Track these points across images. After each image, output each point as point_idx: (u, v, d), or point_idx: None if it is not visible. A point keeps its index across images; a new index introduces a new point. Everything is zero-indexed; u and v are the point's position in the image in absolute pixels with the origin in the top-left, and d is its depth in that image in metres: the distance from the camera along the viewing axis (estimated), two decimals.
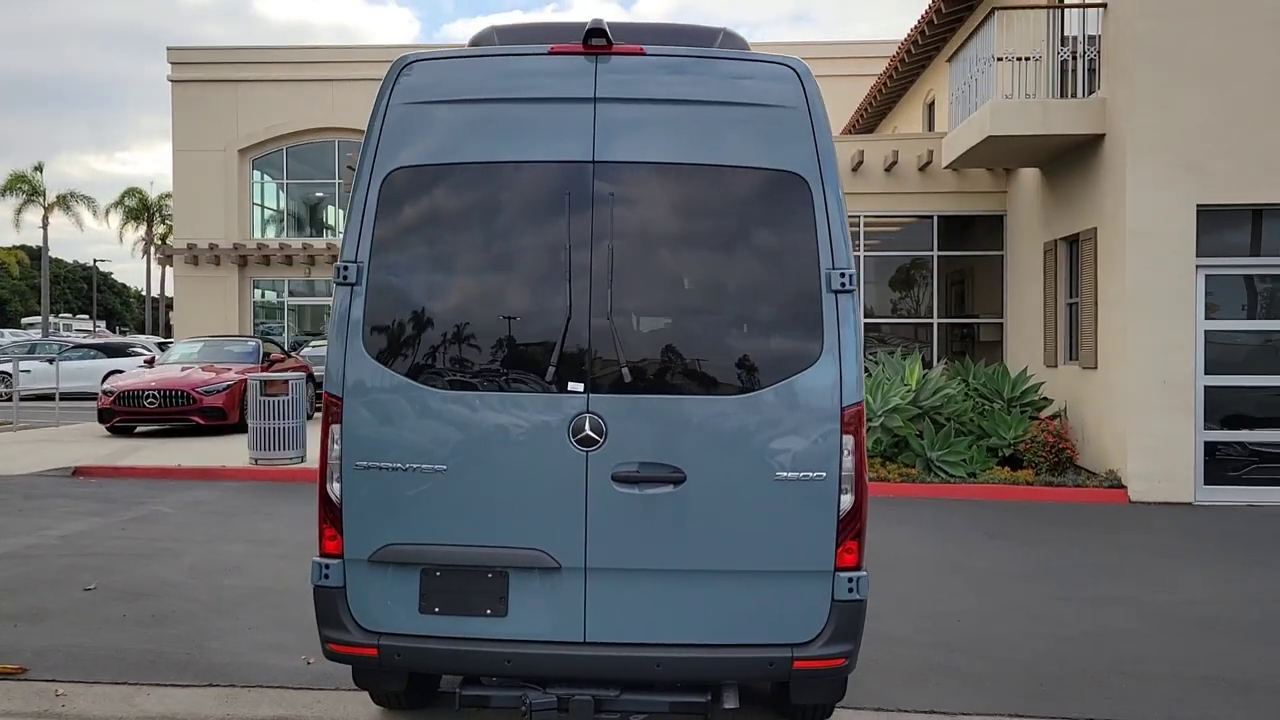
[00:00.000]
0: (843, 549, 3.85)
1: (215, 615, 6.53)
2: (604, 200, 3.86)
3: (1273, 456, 11.59)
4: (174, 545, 8.62)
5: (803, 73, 3.95)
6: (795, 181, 3.88)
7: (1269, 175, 11.16)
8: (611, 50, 3.93)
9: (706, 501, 3.81)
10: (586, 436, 3.80)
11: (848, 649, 3.86)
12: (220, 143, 29.73)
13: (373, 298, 3.92)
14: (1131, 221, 11.32)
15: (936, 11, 16.81)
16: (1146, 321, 11.32)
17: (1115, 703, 5.20)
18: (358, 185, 3.99)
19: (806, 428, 3.83)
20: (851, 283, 3.85)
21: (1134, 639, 6.30)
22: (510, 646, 3.83)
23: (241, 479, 12.27)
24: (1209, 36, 11.21)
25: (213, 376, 16.09)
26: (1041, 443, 12.03)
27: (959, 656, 5.90)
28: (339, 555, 3.94)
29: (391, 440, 3.90)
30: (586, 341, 3.83)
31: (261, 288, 31.12)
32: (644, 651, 3.80)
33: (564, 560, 3.82)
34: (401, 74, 4.01)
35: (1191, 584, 7.73)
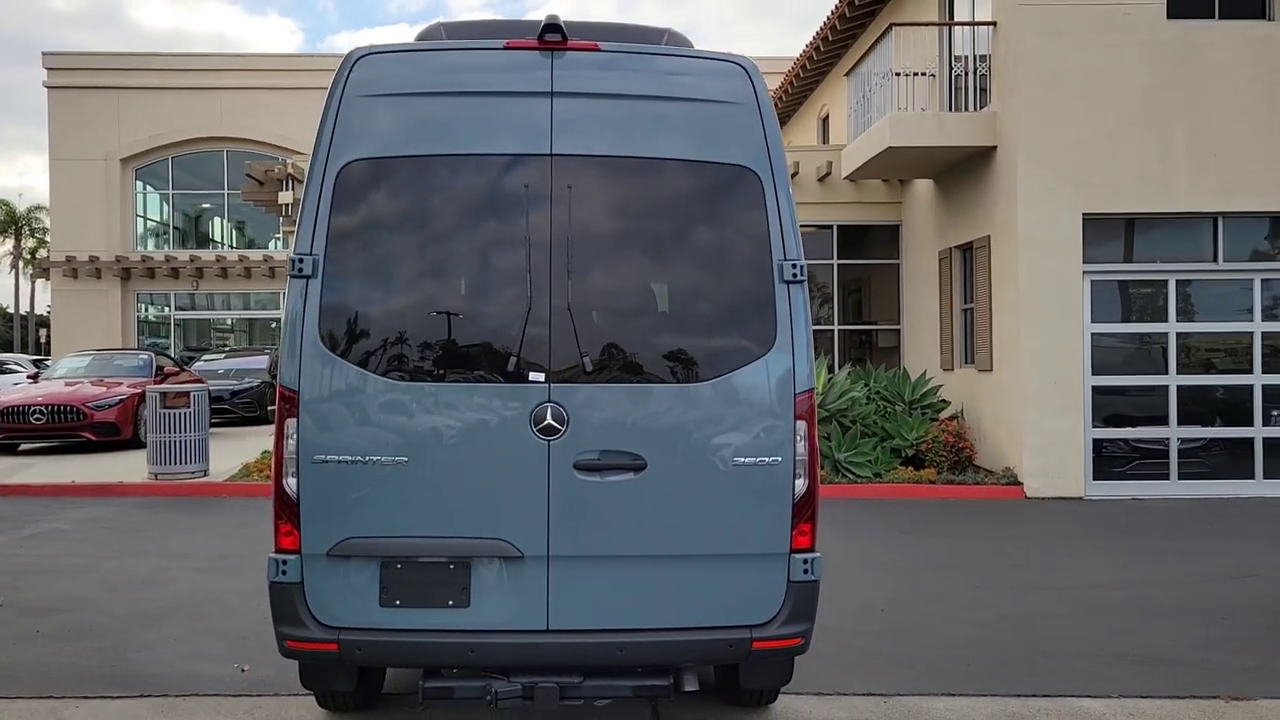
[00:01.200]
0: (797, 532, 3.97)
1: (136, 628, 6.33)
2: (561, 192, 3.92)
3: (1152, 452, 12.24)
4: (79, 561, 8.29)
5: (751, 70, 4.09)
6: (747, 175, 4.01)
7: (1142, 185, 11.82)
8: (567, 46, 4.01)
9: (666, 488, 3.90)
10: (548, 425, 3.85)
11: (804, 628, 3.99)
12: (101, 151, 28.62)
13: (328, 290, 3.90)
14: (1023, 230, 11.85)
15: (831, 28, 17.32)
16: (1038, 325, 11.86)
17: (1039, 679, 5.46)
18: (311, 178, 3.96)
19: (762, 414, 3.95)
20: (803, 273, 4.00)
21: (1048, 621, 6.61)
22: (473, 637, 3.84)
23: (141, 494, 11.85)
24: (1089, 54, 11.84)
25: (104, 391, 15.48)
26: (942, 443, 12.47)
27: (887, 643, 6.10)
28: (296, 550, 3.90)
29: (349, 433, 3.88)
30: (547, 332, 3.88)
31: (145, 302, 30.04)
32: (606, 637, 3.86)
33: (526, 549, 3.86)
34: (355, 67, 4.01)
35: (1093, 571, 8.12)
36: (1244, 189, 11.83)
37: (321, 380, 3.89)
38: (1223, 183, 11.80)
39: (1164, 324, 12.18)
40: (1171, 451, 12.14)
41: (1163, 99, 11.80)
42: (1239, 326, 12.26)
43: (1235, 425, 12.20)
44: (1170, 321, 12.14)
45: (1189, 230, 12.17)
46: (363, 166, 3.95)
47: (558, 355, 3.87)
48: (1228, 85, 11.82)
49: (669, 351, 3.98)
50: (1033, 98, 11.87)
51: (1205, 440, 12.24)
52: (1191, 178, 11.81)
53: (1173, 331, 12.14)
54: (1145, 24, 11.88)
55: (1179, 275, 12.14)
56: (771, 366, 3.96)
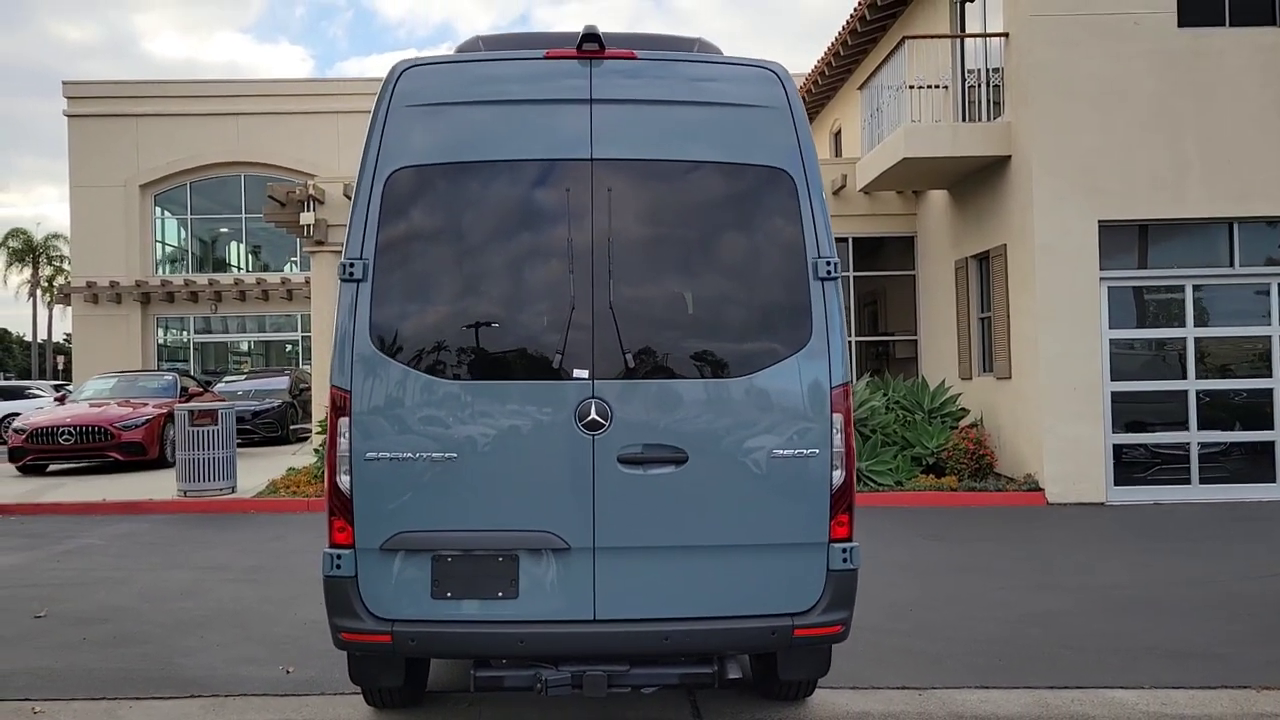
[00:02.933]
0: (835, 522, 4.08)
1: (178, 635, 6.46)
2: (603, 196, 4.06)
3: (1172, 457, 12.28)
4: (115, 574, 8.43)
5: (783, 75, 4.23)
6: (781, 176, 4.14)
7: (1156, 192, 11.92)
8: (605, 54, 4.15)
9: (707, 480, 4.01)
10: (592, 420, 3.97)
11: (843, 616, 4.09)
12: (120, 178, 28.99)
13: (379, 292, 4.04)
14: (1039, 238, 11.95)
15: (843, 43, 17.50)
16: (1056, 332, 11.94)
17: (1070, 672, 5.53)
18: (360, 185, 4.11)
19: (800, 407, 4.06)
20: (836, 270, 4.12)
21: (1075, 619, 6.68)
22: (522, 627, 3.95)
23: (171, 511, 12.01)
24: (1100, 63, 11.96)
25: (130, 411, 15.67)
26: (963, 450, 12.54)
27: (917, 640, 6.19)
28: (350, 545, 4.02)
29: (400, 431, 4.01)
30: (590, 330, 4.01)
31: (165, 326, 30.32)
32: (652, 626, 3.97)
33: (573, 541, 3.97)
34: (400, 79, 4.16)
35: (1116, 571, 8.18)
36: (1258, 194, 11.92)
37: (372, 380, 4.02)
38: (1236, 189, 11.89)
39: (1182, 329, 12.25)
40: (1192, 456, 12.18)
41: (1175, 106, 11.91)
42: (1257, 330, 12.31)
43: (1255, 429, 12.23)
44: (1188, 327, 12.21)
45: (1204, 236, 12.26)
46: (409, 174, 4.10)
47: (601, 353, 4.00)
48: (1239, 92, 11.93)
49: (708, 348, 4.11)
50: (1046, 107, 12.00)
51: (1225, 445, 12.27)
52: (1205, 184, 11.90)
53: (1191, 337, 12.21)
54: (1156, 33, 12.01)
55: (1195, 280, 12.21)
56: (807, 362, 4.07)
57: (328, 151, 28.83)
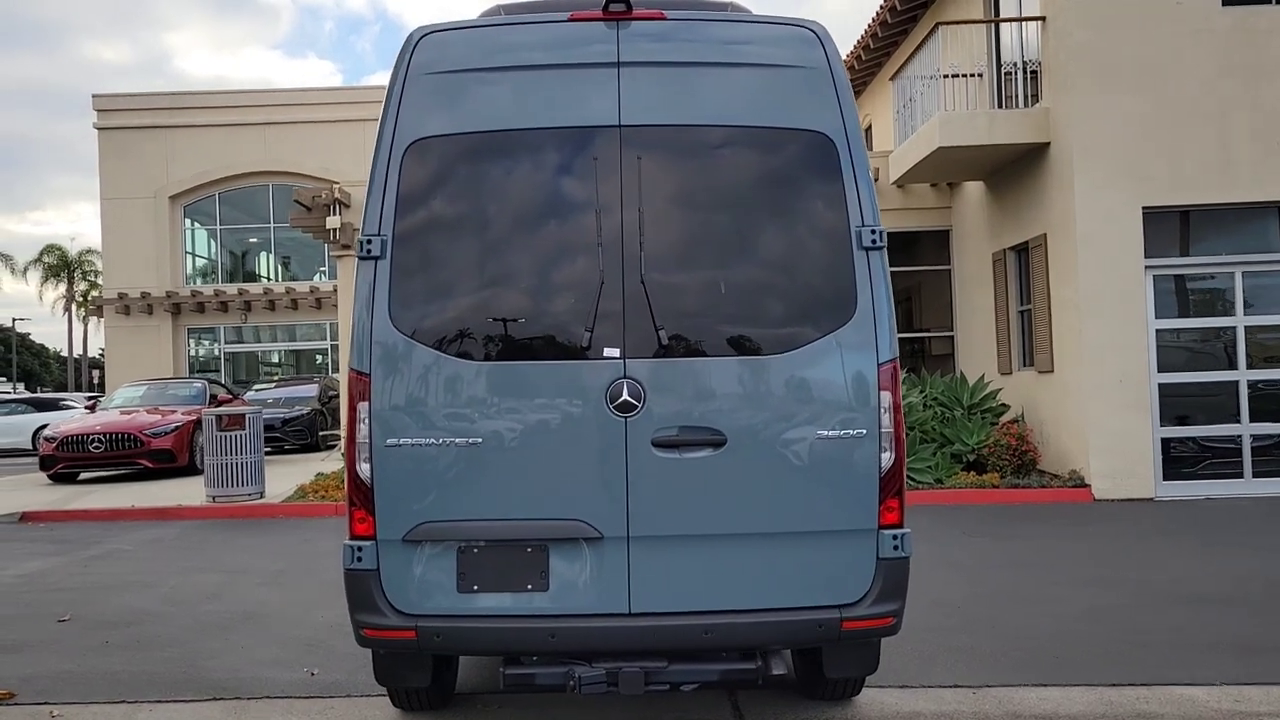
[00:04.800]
0: (885, 507, 3.83)
1: (203, 638, 6.28)
2: (632, 164, 3.83)
3: (1223, 451, 11.88)
4: (143, 578, 8.29)
5: (823, 35, 3.98)
6: (821, 141, 3.90)
7: (1203, 176, 11.54)
8: (632, 15, 3.93)
9: (748, 463, 3.77)
10: (625, 402, 3.74)
11: (895, 608, 3.83)
12: (150, 190, 29.10)
13: (398, 270, 3.83)
14: (1081, 226, 11.61)
15: (873, 35, 17.22)
16: (1099, 323, 11.58)
17: (1133, 669, 5.23)
18: (377, 158, 3.91)
19: (845, 385, 3.81)
20: (882, 239, 3.87)
21: (1134, 614, 6.36)
22: (554, 621, 3.73)
23: (199, 517, 11.88)
24: (1142, 45, 11.61)
25: (159, 419, 15.60)
26: (1005, 446, 12.19)
27: (968, 637, 5.90)
28: (371, 537, 3.81)
29: (422, 415, 3.79)
30: (620, 306, 3.78)
31: (196, 336, 30.40)
32: (691, 620, 3.73)
33: (606, 530, 3.74)
34: (418, 46, 3.95)
35: (1173, 566, 7.85)
36: None
37: (392, 362, 3.81)
38: None
39: (1231, 318, 11.85)
40: (1244, 449, 11.77)
41: (1221, 88, 11.54)
42: None
43: None
44: (1238, 315, 11.80)
45: (1254, 221, 11.85)
46: (428, 145, 3.89)
47: (632, 330, 3.77)
48: None
49: (746, 323, 3.86)
50: (1086, 92, 11.66)
51: (1278, 436, 11.86)
52: (1254, 167, 11.51)
53: (1240, 325, 11.80)
54: (1199, 12, 11.64)
55: (1245, 267, 11.81)
56: (852, 337, 3.82)
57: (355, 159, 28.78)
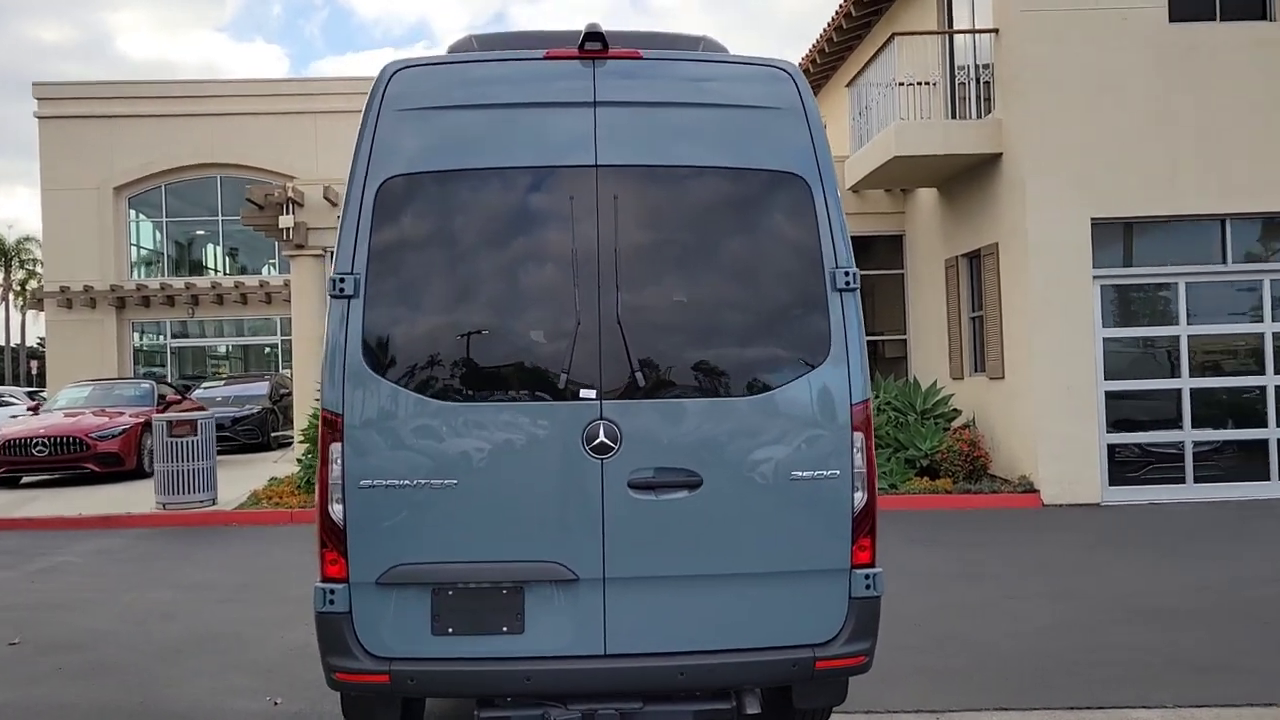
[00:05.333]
0: (857, 546, 3.87)
1: (160, 663, 6.18)
2: (608, 204, 3.82)
3: (1167, 456, 12.17)
4: (94, 595, 8.14)
5: (795, 74, 4.00)
6: (795, 182, 3.92)
7: (1150, 189, 11.79)
8: (608, 54, 3.91)
9: (723, 504, 3.78)
10: (601, 444, 3.74)
11: (867, 646, 3.88)
12: (94, 181, 28.41)
13: (371, 310, 3.79)
14: (1032, 236, 11.80)
15: (828, 40, 17.33)
16: (1049, 331, 11.79)
17: (1089, 690, 5.35)
18: (350, 196, 3.86)
19: (819, 426, 3.84)
20: (855, 281, 3.90)
21: (1089, 631, 6.50)
22: (529, 664, 3.72)
23: (149, 525, 11.69)
24: (1092, 59, 11.82)
25: (106, 421, 15.29)
26: (957, 452, 12.38)
27: (928, 657, 5.99)
28: (344, 579, 3.76)
29: (397, 456, 3.76)
30: (597, 347, 3.77)
31: (141, 330, 29.81)
32: (666, 661, 3.74)
33: (581, 571, 3.74)
34: (391, 80, 3.90)
35: (1122, 579, 8.02)
36: (1251, 190, 11.80)
37: (366, 402, 3.77)
38: (1230, 185, 11.78)
39: (1175, 327, 12.13)
40: (1186, 455, 12.07)
41: (1168, 102, 11.78)
42: (1250, 328, 12.23)
43: (1249, 427, 12.14)
44: (1181, 324, 12.09)
45: (1197, 233, 12.14)
46: (403, 182, 3.85)
47: (609, 371, 3.77)
48: (1232, 87, 11.80)
49: (722, 365, 3.88)
50: (1037, 104, 11.85)
51: (1219, 443, 12.18)
52: (1198, 180, 11.78)
53: (1184, 334, 12.09)
54: (1147, 28, 11.88)
55: (1189, 278, 12.09)
56: (826, 377, 3.85)
57: (306, 153, 28.40)
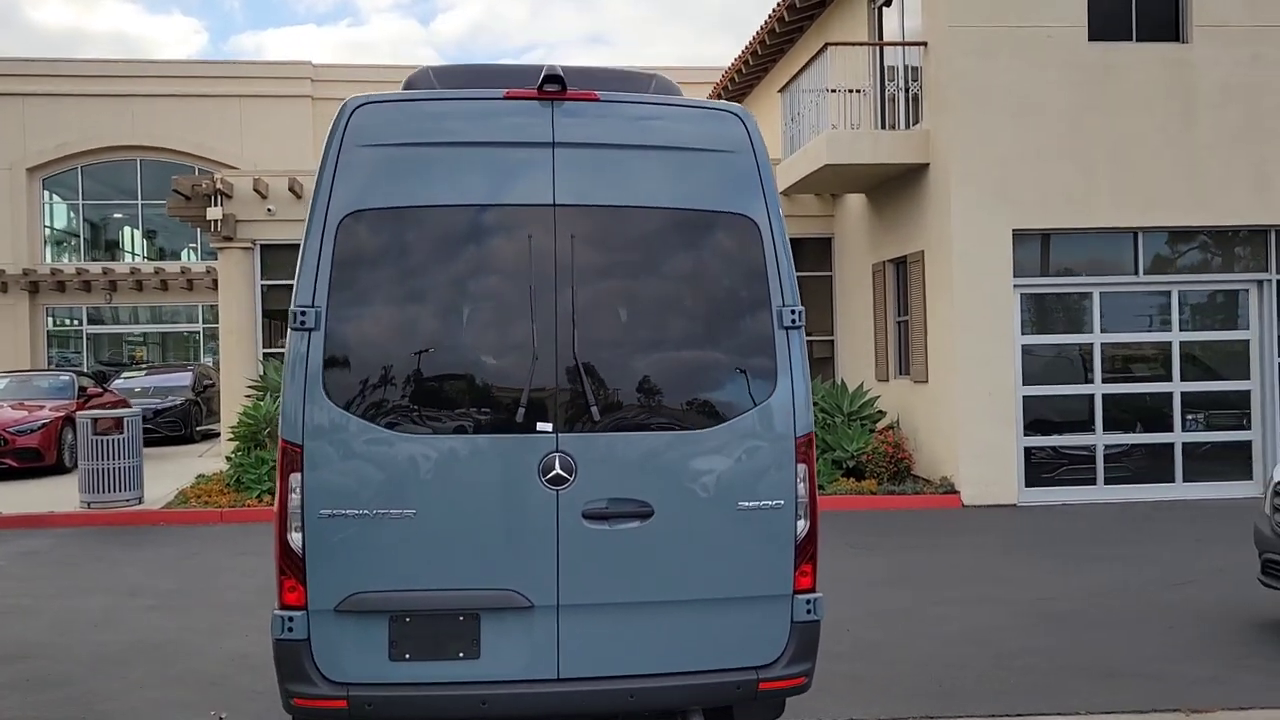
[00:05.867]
0: (799, 573, 4.07)
1: (98, 675, 6.16)
2: (565, 243, 3.95)
3: (1079, 459, 12.71)
4: (24, 601, 8.04)
5: (746, 118, 4.17)
6: (745, 224, 4.09)
7: (1068, 203, 12.26)
8: (566, 96, 4.04)
9: (673, 534, 3.95)
10: (556, 475, 3.88)
11: (807, 668, 4.09)
12: (5, 161, 27.55)
13: (332, 342, 3.87)
14: (957, 245, 12.19)
15: (760, 43, 17.56)
16: (972, 338, 12.20)
17: (1010, 697, 5.65)
18: (310, 229, 3.93)
19: (765, 458, 4.03)
20: (801, 319, 4.09)
21: (1009, 635, 6.83)
22: (485, 688, 3.85)
23: (74, 524, 11.49)
24: (1016, 74, 12.23)
25: (25, 415, 14.94)
26: (882, 454, 12.75)
27: (858, 664, 6.25)
28: (302, 606, 3.85)
29: (356, 486, 3.85)
30: (553, 382, 3.91)
31: (55, 316, 29.01)
32: (617, 684, 3.91)
33: (536, 599, 3.88)
34: (353, 116, 3.97)
35: (1039, 583, 8.39)
36: (1162, 205, 12.34)
37: (325, 433, 3.86)
38: (1142, 199, 12.30)
39: (1089, 335, 12.65)
40: (1098, 457, 12.62)
41: (1085, 119, 12.25)
42: (1159, 336, 12.80)
43: (1156, 431, 12.72)
44: (1095, 332, 12.62)
45: (1111, 245, 12.66)
46: (363, 217, 3.93)
47: (565, 405, 3.91)
48: (1145, 105, 12.31)
49: (673, 400, 4.05)
50: (963, 117, 12.22)
51: (1128, 446, 12.75)
52: (1113, 195, 12.28)
53: (1098, 342, 12.62)
54: (1067, 46, 12.31)
55: (1103, 288, 12.61)
56: (772, 411, 4.04)
57: (229, 137, 27.92)
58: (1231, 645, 6.57)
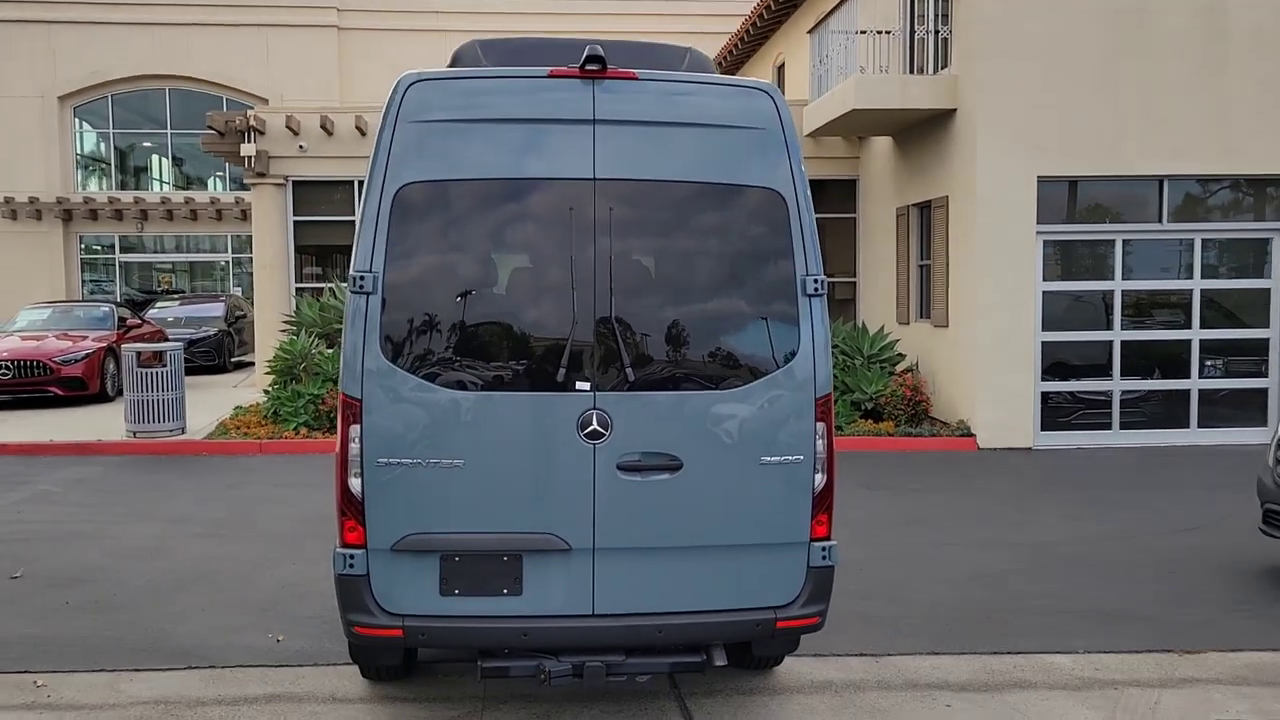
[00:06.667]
0: (816, 522, 4.41)
1: (159, 600, 6.61)
2: (604, 215, 4.23)
3: (1096, 404, 12.95)
4: (82, 527, 8.50)
5: (775, 95, 4.41)
6: (773, 197, 4.35)
7: (1094, 150, 12.33)
8: (606, 75, 4.28)
9: (700, 485, 4.28)
10: (594, 430, 4.20)
11: (821, 609, 4.45)
12: (37, 89, 27.75)
13: (388, 305, 4.19)
14: (981, 192, 12.32)
15: None
16: (994, 284, 12.39)
17: (1011, 637, 6.01)
18: (369, 198, 4.21)
19: (787, 417, 4.34)
20: (823, 287, 4.37)
21: (1015, 578, 7.17)
22: (526, 621, 4.23)
23: (121, 453, 11.99)
24: (1046, 20, 12.23)
25: (70, 345, 15.41)
26: (900, 396, 13.04)
27: (870, 604, 6.61)
28: (361, 545, 4.22)
29: (410, 438, 4.19)
30: (592, 344, 4.22)
31: (89, 244, 29.44)
32: (647, 620, 4.27)
33: (574, 542, 4.23)
34: (407, 93, 4.24)
35: (1049, 526, 8.72)
36: (1188, 153, 12.39)
37: (382, 389, 4.19)
38: (1169, 147, 12.34)
39: (1110, 282, 12.80)
40: (1114, 403, 12.85)
41: (1116, 65, 12.26)
42: (1179, 284, 12.93)
43: (1173, 377, 12.93)
44: (1116, 280, 12.76)
45: (1136, 192, 12.74)
46: (418, 189, 4.22)
47: (602, 366, 4.22)
48: (1177, 51, 12.29)
49: (702, 361, 4.35)
50: (992, 63, 12.26)
51: (1145, 392, 12.97)
52: (1141, 142, 12.33)
53: (1118, 289, 12.77)
54: None
55: (1126, 235, 12.73)
56: (795, 373, 4.34)
57: (255, 66, 27.98)
58: (1228, 591, 6.90)
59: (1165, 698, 5.18)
